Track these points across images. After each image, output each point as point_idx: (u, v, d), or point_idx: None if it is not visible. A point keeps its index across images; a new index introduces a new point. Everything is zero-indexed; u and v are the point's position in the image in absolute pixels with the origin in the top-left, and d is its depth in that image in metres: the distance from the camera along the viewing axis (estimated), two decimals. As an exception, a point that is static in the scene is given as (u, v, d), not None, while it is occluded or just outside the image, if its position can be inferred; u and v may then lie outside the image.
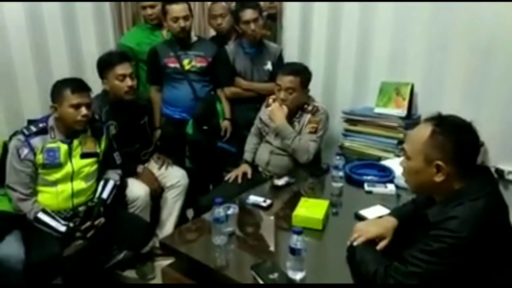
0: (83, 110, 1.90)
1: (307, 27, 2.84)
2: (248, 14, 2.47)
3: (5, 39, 2.54)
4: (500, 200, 1.18)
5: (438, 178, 1.17)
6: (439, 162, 1.16)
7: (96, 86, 2.22)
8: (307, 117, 2.25)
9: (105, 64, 2.24)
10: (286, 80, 2.19)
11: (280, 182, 2.00)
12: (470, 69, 2.23)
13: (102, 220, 1.96)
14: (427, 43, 2.37)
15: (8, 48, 2.56)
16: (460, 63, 2.26)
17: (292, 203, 1.72)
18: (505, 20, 2.07)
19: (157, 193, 2.41)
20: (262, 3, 2.75)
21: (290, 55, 2.84)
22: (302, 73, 2.23)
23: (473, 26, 2.18)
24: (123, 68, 2.21)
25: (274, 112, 2.24)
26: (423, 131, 1.20)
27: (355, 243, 1.32)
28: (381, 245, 1.32)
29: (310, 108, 2.26)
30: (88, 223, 1.92)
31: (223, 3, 2.75)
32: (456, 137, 1.16)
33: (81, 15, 2.88)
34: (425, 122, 1.23)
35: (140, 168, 2.40)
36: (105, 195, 2.04)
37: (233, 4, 2.80)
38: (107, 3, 3.01)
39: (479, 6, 2.13)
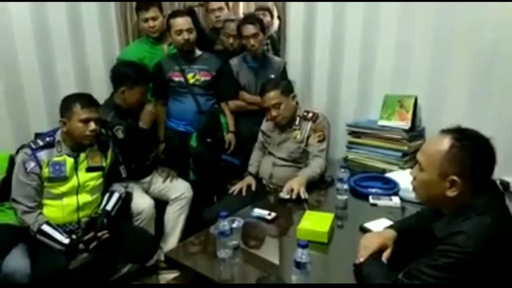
0: (92, 125, 1.91)
1: (311, 40, 2.87)
2: (249, 29, 2.52)
3: (13, 53, 2.57)
4: (507, 215, 1.17)
5: (451, 193, 1.15)
6: (455, 177, 1.13)
7: (101, 99, 2.25)
8: (308, 125, 2.26)
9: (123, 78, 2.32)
10: (269, 98, 2.21)
11: (285, 195, 2.00)
12: (473, 80, 2.24)
13: (105, 233, 1.95)
14: (430, 55, 2.38)
15: (15, 62, 2.59)
16: (463, 75, 2.28)
17: (296, 216, 1.72)
18: (508, 34, 2.09)
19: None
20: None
21: (294, 68, 2.86)
22: (279, 83, 2.27)
23: (475, 39, 2.20)
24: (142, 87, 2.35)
25: (292, 186, 1.99)
26: (441, 144, 1.16)
27: (361, 259, 1.31)
28: (385, 255, 1.32)
29: (310, 115, 2.27)
30: (91, 234, 1.92)
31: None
32: (476, 154, 1.13)
33: (87, 29, 2.91)
34: (443, 134, 1.18)
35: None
36: (109, 207, 2.05)
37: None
38: (114, 17, 3.05)
39: (481, 18, 2.15)
